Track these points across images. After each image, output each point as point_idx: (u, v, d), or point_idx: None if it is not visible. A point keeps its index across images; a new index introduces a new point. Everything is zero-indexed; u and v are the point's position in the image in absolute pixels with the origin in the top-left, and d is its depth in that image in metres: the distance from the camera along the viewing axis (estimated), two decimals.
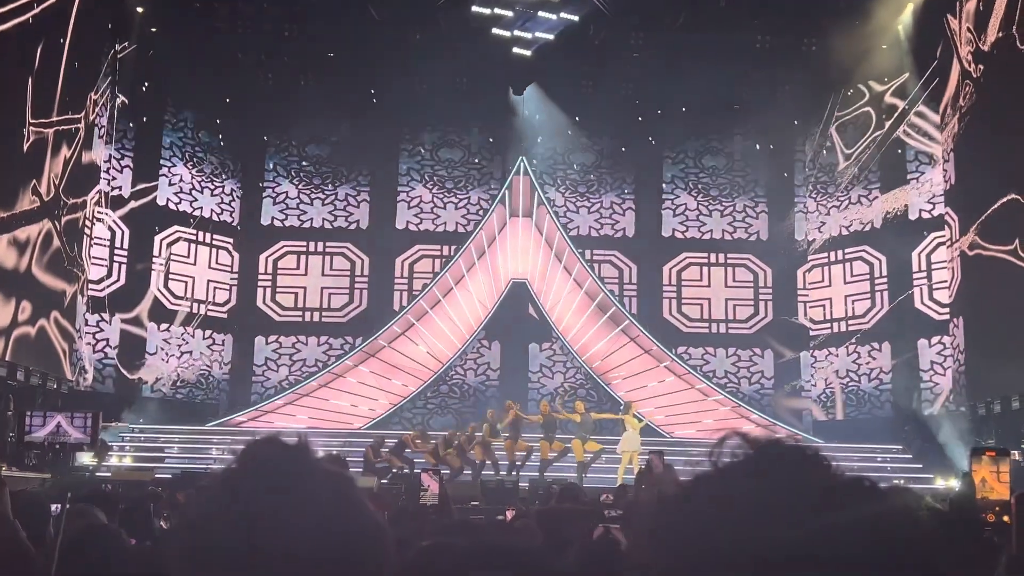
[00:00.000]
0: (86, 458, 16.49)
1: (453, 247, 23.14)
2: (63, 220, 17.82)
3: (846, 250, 22.59)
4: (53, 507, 4.53)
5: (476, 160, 24.22)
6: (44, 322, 17.19)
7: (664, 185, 24.14)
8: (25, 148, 16.09)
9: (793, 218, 23.60)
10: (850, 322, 22.31)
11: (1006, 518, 2.21)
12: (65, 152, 17.76)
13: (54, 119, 17.16)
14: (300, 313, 23.43)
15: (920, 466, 18.42)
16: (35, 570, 3.23)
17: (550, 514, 4.89)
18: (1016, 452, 11.42)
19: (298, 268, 23.66)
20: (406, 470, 16.58)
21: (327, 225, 23.84)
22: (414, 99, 22.38)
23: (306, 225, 23.79)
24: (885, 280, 21.83)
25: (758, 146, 23.92)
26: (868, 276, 22.19)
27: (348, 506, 1.29)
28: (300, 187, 23.87)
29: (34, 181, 16.50)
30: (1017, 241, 15.55)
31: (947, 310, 19.88)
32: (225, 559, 1.20)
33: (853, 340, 22.13)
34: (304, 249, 23.73)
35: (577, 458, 17.44)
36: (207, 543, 1.23)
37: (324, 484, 1.29)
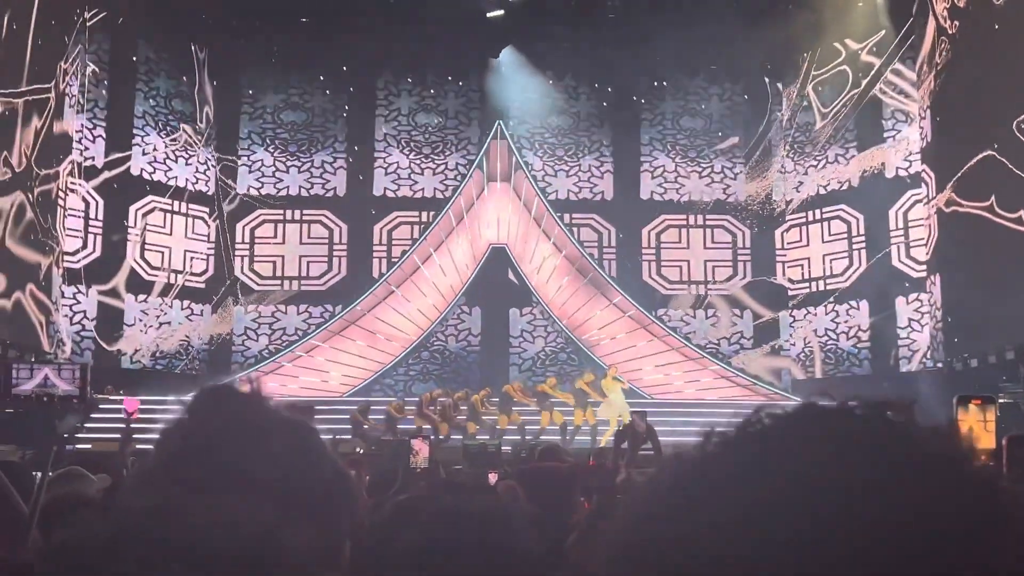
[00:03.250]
0: (66, 427, 16.38)
1: (431, 213, 23.03)
2: (36, 191, 17.58)
3: (823, 209, 22.63)
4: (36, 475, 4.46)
5: (453, 125, 24.04)
6: (20, 295, 17.01)
7: (642, 147, 24.08)
8: None
9: (771, 178, 23.60)
10: (828, 281, 22.41)
11: (991, 463, 2.24)
12: (36, 122, 17.48)
13: (24, 89, 16.87)
14: (279, 282, 23.31)
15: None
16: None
17: (531, 474, 4.91)
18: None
19: (275, 237, 23.50)
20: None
21: (304, 193, 23.67)
22: (390, 64, 22.10)
23: (282, 193, 23.60)
24: (863, 239, 21.90)
25: (735, 107, 23.86)
26: (846, 235, 22.25)
27: (307, 454, 1.21)
28: (276, 155, 23.66)
29: (5, 152, 16.23)
30: (993, 197, 15.61)
31: (924, 267, 19.99)
32: (177, 511, 1.15)
33: (831, 299, 22.24)
34: (281, 217, 23.56)
35: (576, 422, 18.09)
36: (160, 497, 1.18)
37: (281, 431, 1.21)
